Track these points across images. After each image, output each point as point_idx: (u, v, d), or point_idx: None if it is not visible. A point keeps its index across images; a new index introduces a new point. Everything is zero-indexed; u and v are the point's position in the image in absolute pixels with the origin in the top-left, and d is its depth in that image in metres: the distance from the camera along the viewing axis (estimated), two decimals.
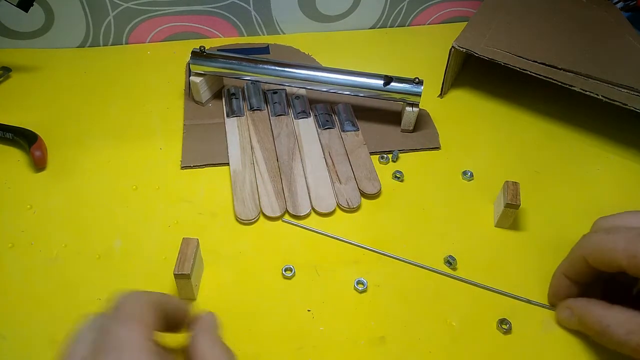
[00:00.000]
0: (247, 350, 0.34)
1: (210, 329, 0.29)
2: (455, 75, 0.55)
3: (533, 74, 0.49)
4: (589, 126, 0.53)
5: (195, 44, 0.51)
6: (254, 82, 0.54)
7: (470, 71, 0.60)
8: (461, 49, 0.51)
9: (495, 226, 0.43)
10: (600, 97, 0.47)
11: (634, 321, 0.31)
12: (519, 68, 0.49)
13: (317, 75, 0.49)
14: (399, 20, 0.69)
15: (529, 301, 0.38)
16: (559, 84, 0.48)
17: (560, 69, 0.49)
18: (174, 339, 0.29)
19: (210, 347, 0.27)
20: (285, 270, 0.38)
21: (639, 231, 0.32)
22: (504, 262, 0.40)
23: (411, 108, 0.49)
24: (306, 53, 0.62)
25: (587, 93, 0.47)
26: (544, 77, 0.48)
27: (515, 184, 0.41)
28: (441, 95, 0.55)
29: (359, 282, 0.38)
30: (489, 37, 0.53)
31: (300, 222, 0.42)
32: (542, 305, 0.37)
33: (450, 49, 0.51)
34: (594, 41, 0.55)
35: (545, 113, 0.54)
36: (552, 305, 0.38)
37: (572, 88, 0.48)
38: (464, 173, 0.47)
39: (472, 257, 0.40)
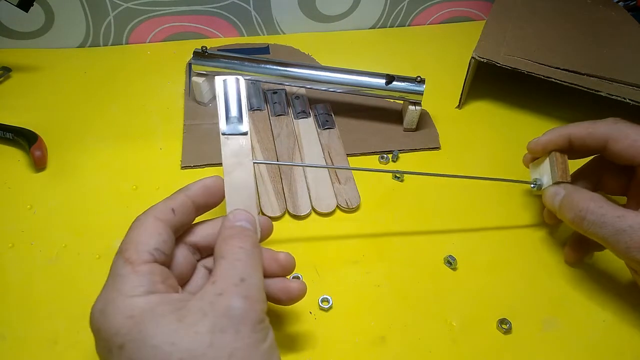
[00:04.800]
0: None
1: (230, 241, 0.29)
2: (469, 84, 0.54)
3: (558, 82, 0.48)
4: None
5: (196, 44, 0.51)
6: (254, 82, 0.54)
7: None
8: (482, 60, 0.50)
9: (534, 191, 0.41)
10: (627, 100, 0.46)
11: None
12: (543, 76, 0.48)
13: (318, 75, 0.49)
14: (399, 20, 0.69)
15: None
16: (585, 89, 0.47)
17: (583, 74, 0.48)
18: None
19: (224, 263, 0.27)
20: (292, 278, 0.38)
21: None
22: (504, 261, 0.40)
23: (414, 107, 0.49)
24: (306, 53, 0.62)
25: (614, 97, 0.46)
26: (569, 83, 0.48)
27: (563, 155, 0.38)
28: (459, 106, 0.55)
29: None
30: (506, 45, 0.52)
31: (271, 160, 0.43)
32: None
33: (470, 59, 0.50)
34: (609, 42, 0.54)
35: (548, 114, 0.54)
36: (530, 151, 0.39)
37: (599, 93, 0.47)
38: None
39: (472, 257, 0.40)
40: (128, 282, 0.25)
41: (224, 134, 0.33)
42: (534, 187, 0.40)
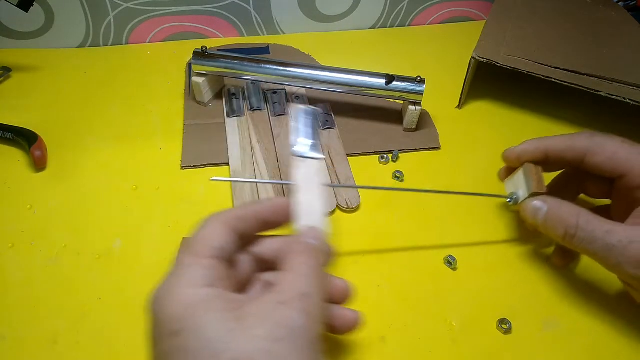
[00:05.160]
0: None
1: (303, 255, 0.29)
2: (469, 84, 0.54)
3: (558, 82, 0.48)
4: (590, 125, 0.53)
5: (196, 44, 0.51)
6: (254, 82, 0.54)
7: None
8: (482, 60, 0.50)
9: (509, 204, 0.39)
10: (627, 100, 0.46)
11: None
12: (543, 76, 0.48)
13: (318, 75, 0.49)
14: (398, 20, 0.69)
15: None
16: (585, 89, 0.47)
17: (583, 74, 0.48)
18: None
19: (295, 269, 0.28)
20: None
21: None
22: (504, 262, 0.40)
23: (414, 107, 0.49)
24: (306, 53, 0.62)
25: (614, 97, 0.46)
26: (569, 83, 0.47)
27: (537, 167, 0.37)
28: (459, 106, 0.55)
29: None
30: (506, 45, 0.52)
31: (232, 178, 0.42)
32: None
33: (470, 59, 0.50)
34: (609, 42, 0.54)
35: (547, 114, 0.54)
36: (505, 160, 0.39)
37: (598, 93, 0.47)
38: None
39: (472, 257, 0.40)
40: (190, 272, 0.26)
41: (299, 156, 0.34)
42: (510, 201, 0.38)
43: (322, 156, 0.34)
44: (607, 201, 0.39)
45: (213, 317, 0.24)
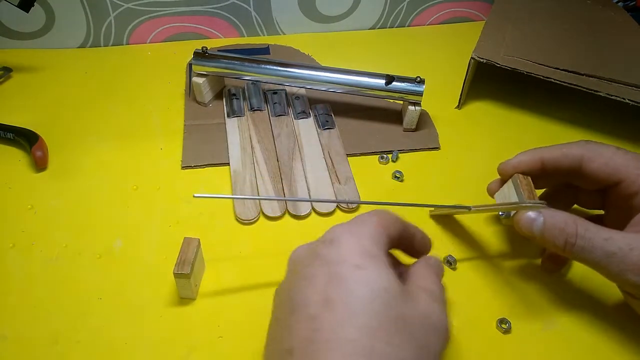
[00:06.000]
0: (247, 349, 0.34)
1: (430, 263, 0.32)
2: (469, 84, 0.54)
3: (557, 82, 0.48)
4: (590, 126, 0.53)
5: (196, 45, 0.51)
6: (255, 83, 0.54)
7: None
8: (481, 60, 0.50)
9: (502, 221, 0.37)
10: (626, 100, 0.46)
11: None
12: (542, 76, 0.48)
13: (318, 75, 0.49)
14: (398, 21, 0.69)
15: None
16: (584, 89, 0.47)
17: (582, 75, 0.48)
18: None
19: (421, 268, 0.31)
20: None
21: None
22: (504, 261, 0.41)
23: (414, 107, 0.49)
24: (306, 53, 0.62)
25: (613, 98, 0.46)
26: (569, 84, 0.48)
27: (526, 177, 0.36)
28: (459, 106, 0.55)
29: None
30: (505, 46, 0.52)
31: (214, 194, 0.43)
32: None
33: (470, 60, 0.50)
34: (609, 43, 0.54)
35: (547, 114, 0.55)
36: (500, 173, 0.38)
37: (598, 94, 0.47)
38: None
39: (472, 257, 0.40)
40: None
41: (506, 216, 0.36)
42: (502, 215, 0.36)
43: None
44: (599, 212, 0.39)
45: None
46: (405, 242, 0.32)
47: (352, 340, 0.24)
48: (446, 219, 0.43)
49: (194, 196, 0.34)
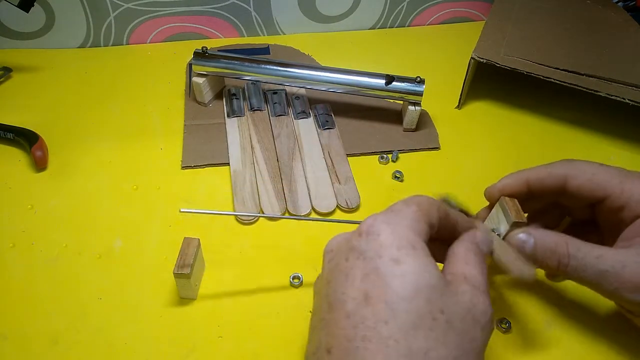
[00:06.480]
0: (247, 350, 0.34)
1: (476, 240, 0.30)
2: (469, 84, 0.54)
3: (557, 82, 0.48)
4: (590, 126, 0.53)
5: (196, 45, 0.51)
6: (255, 83, 0.54)
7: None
8: (481, 60, 0.50)
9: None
10: (626, 100, 0.46)
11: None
12: (542, 76, 0.48)
13: (318, 75, 0.49)
14: (398, 21, 0.69)
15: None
16: (584, 89, 0.47)
17: (582, 75, 0.48)
18: None
19: (465, 250, 0.29)
20: (293, 279, 0.38)
21: (625, 171, 0.33)
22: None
23: (414, 107, 0.49)
24: (306, 53, 0.62)
25: (613, 98, 0.46)
26: (569, 84, 0.47)
27: (512, 199, 0.35)
28: (459, 106, 0.55)
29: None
30: (505, 46, 0.52)
31: (200, 209, 0.42)
32: None
33: (470, 60, 0.50)
34: (609, 43, 0.54)
35: (547, 114, 0.55)
36: (487, 197, 0.37)
37: (597, 93, 0.47)
38: None
39: None
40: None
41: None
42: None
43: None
44: None
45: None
46: (445, 232, 0.31)
47: (391, 339, 0.23)
48: None
49: (180, 211, 0.34)
